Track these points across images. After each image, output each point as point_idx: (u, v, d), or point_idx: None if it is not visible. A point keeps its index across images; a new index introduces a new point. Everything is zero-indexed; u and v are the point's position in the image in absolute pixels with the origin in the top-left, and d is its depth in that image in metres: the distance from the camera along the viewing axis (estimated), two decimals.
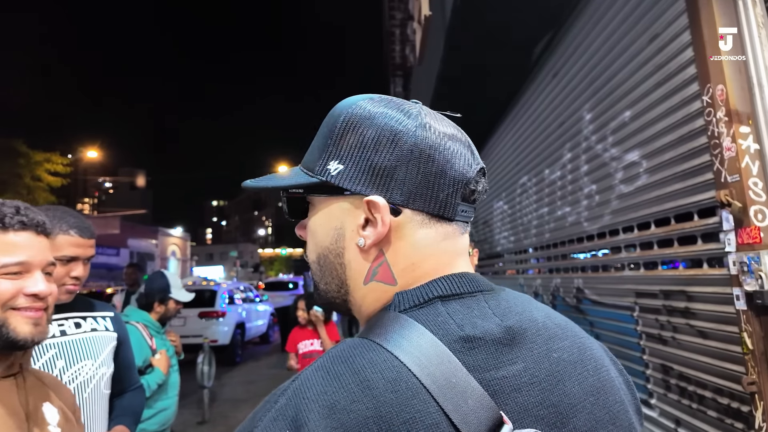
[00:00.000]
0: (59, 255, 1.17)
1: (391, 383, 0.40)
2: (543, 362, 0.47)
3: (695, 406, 1.95)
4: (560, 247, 3.33)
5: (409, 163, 0.48)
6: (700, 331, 1.90)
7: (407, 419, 0.39)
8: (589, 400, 0.48)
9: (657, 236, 2.16)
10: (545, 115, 3.39)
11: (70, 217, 1.23)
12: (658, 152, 2.09)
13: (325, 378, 0.42)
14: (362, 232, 0.50)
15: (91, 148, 27.30)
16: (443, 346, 0.43)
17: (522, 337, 0.47)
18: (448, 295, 0.48)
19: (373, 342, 0.44)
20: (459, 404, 0.40)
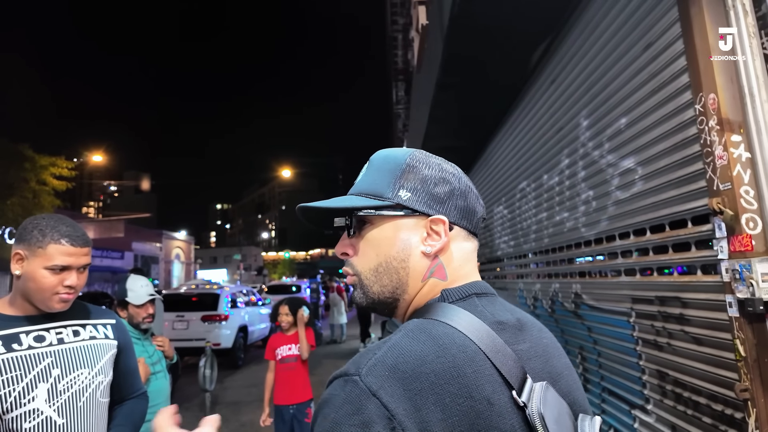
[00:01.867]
0: (50, 264, 1.19)
1: (461, 346, 0.58)
2: (539, 344, 0.67)
3: (690, 413, 1.96)
4: (559, 252, 3.35)
5: (458, 195, 0.70)
6: (694, 337, 1.91)
7: (475, 370, 0.56)
8: (565, 372, 0.68)
9: (652, 242, 2.17)
10: (544, 120, 3.41)
11: (62, 226, 1.24)
12: (653, 159, 2.11)
13: (413, 341, 0.58)
14: (426, 242, 0.68)
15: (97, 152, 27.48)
16: (485, 324, 0.61)
17: (525, 325, 0.67)
18: (480, 293, 0.68)
19: (437, 321, 0.62)
20: (504, 363, 0.59)
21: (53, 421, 1.15)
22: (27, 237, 1.20)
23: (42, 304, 1.21)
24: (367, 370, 0.55)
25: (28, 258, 1.19)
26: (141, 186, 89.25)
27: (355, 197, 0.71)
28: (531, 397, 0.57)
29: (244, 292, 10.78)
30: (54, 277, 1.19)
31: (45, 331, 1.22)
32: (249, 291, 11.32)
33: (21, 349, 1.16)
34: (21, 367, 1.14)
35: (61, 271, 1.21)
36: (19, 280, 1.20)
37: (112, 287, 19.50)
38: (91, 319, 1.34)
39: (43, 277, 1.18)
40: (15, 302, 1.23)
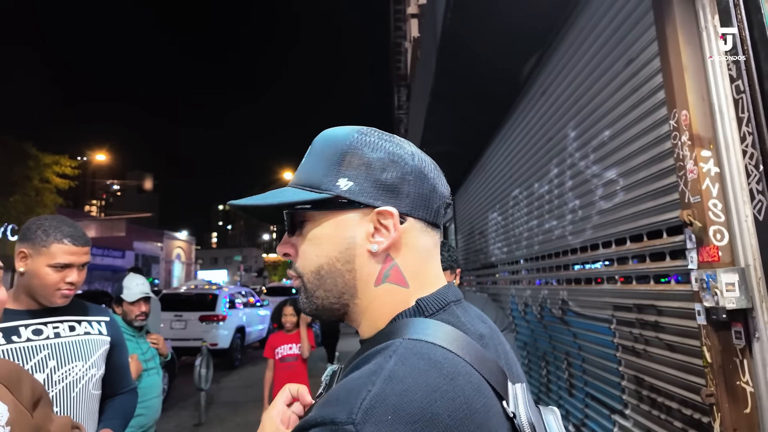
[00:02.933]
0: (53, 262, 1.28)
1: (466, 375, 0.49)
2: (504, 353, 0.60)
3: (664, 417, 2.03)
4: (547, 259, 3.42)
5: (411, 180, 0.59)
6: (668, 344, 1.98)
7: (484, 404, 0.48)
8: (519, 373, 0.63)
9: (632, 251, 2.25)
10: (535, 130, 3.49)
11: (64, 227, 1.33)
12: (632, 171, 2.18)
13: (415, 372, 0.47)
14: (373, 239, 0.58)
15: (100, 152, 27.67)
16: (474, 342, 0.54)
17: (493, 333, 0.62)
18: (456, 300, 0.61)
19: (430, 342, 0.51)
20: (497, 379, 0.52)
21: None
22: (31, 236, 1.29)
23: (45, 300, 1.30)
24: (364, 416, 0.43)
25: (32, 256, 1.28)
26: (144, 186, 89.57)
27: (291, 190, 0.61)
28: (517, 406, 0.52)
29: (243, 293, 10.87)
30: (57, 274, 1.29)
31: (43, 325, 1.31)
32: (248, 292, 11.40)
33: (20, 341, 1.24)
34: (19, 357, 1.22)
35: (63, 269, 1.30)
36: (23, 277, 1.29)
37: (112, 286, 19.54)
38: (87, 316, 1.43)
39: (46, 274, 1.28)
40: (18, 297, 1.32)
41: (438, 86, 3.60)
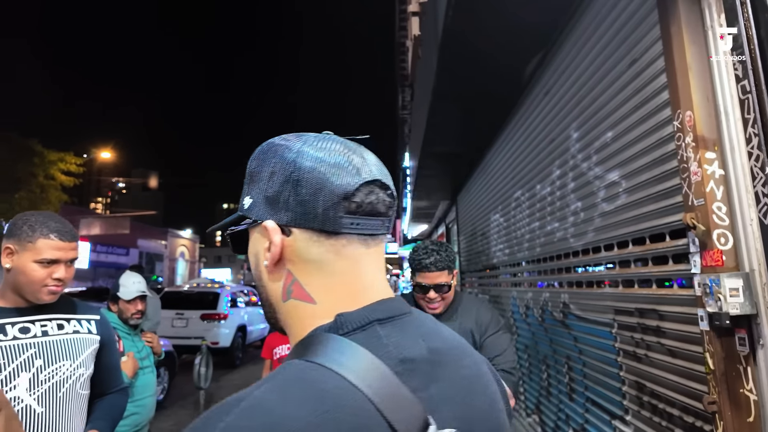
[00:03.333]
0: (39, 258, 1.25)
1: (353, 410, 0.44)
2: (455, 380, 0.55)
3: (665, 424, 1.99)
4: (549, 262, 3.38)
5: (288, 188, 0.55)
6: (669, 349, 1.94)
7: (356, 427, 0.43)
8: (487, 410, 0.57)
9: (634, 255, 2.21)
10: (538, 131, 3.46)
11: (51, 222, 1.30)
12: (635, 173, 2.14)
13: (283, 400, 0.43)
14: (265, 255, 0.57)
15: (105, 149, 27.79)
16: (388, 369, 0.48)
17: (442, 357, 0.55)
18: (383, 318, 0.54)
19: (323, 366, 0.47)
20: (405, 422, 0.45)
21: (32, 410, 1.20)
22: (17, 232, 1.27)
23: (32, 296, 1.28)
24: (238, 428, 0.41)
25: (18, 252, 1.26)
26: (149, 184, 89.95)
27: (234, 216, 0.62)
28: None
29: (245, 291, 10.86)
30: (43, 270, 1.26)
31: (30, 323, 1.28)
32: (250, 291, 11.40)
33: (6, 339, 1.22)
34: (5, 356, 1.20)
35: (49, 265, 1.27)
36: (9, 274, 1.27)
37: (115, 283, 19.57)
38: (76, 314, 1.40)
39: (33, 270, 1.25)
40: (5, 295, 1.29)
41: (439, 85, 3.57)
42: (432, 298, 1.71)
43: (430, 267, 1.69)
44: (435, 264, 1.69)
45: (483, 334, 1.78)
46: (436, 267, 1.70)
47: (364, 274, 0.57)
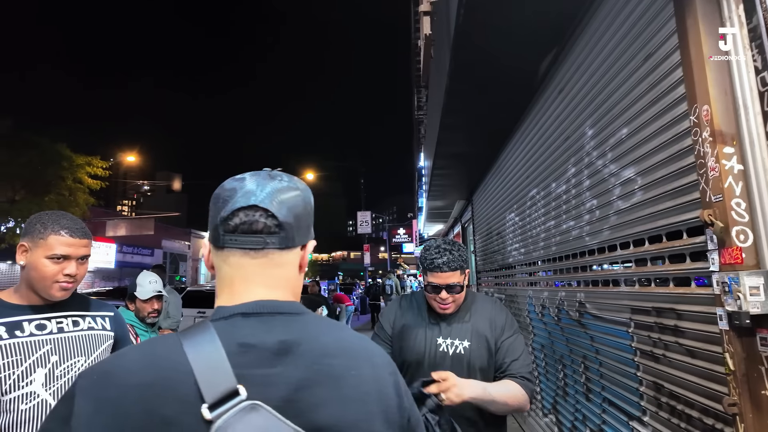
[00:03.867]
0: (51, 254, 1.29)
1: (173, 364, 0.61)
2: (302, 371, 0.64)
3: (684, 426, 1.94)
4: (565, 261, 3.33)
5: (210, 214, 0.75)
6: (688, 349, 1.89)
7: (167, 388, 0.60)
8: (346, 407, 0.64)
9: (650, 253, 2.16)
10: (552, 129, 3.41)
11: (63, 220, 1.34)
12: (651, 170, 2.10)
13: (136, 353, 0.65)
14: None
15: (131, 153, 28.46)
16: (220, 346, 0.63)
17: (292, 351, 0.66)
18: (249, 313, 0.69)
19: (177, 338, 0.65)
20: (212, 382, 0.59)
21: (48, 405, 1.24)
22: (31, 230, 1.31)
23: (44, 292, 1.31)
24: (85, 372, 0.63)
25: (32, 249, 1.30)
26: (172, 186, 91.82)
27: None
28: (225, 414, 0.57)
29: None
30: (55, 265, 1.29)
31: (46, 320, 1.32)
32: None
33: (23, 335, 1.26)
34: (22, 352, 1.24)
35: (61, 261, 1.31)
36: (24, 271, 1.31)
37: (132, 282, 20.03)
38: (91, 311, 1.44)
39: (44, 265, 1.29)
40: (20, 292, 1.34)
41: (452, 85, 3.55)
42: (443, 298, 1.67)
43: (442, 267, 1.64)
44: (447, 264, 1.64)
45: (499, 337, 1.72)
46: (449, 267, 1.64)
47: (246, 278, 0.72)
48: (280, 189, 0.74)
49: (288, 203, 0.73)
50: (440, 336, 1.69)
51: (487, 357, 1.67)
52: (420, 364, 1.66)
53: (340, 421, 0.63)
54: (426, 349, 1.67)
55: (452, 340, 1.68)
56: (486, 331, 1.70)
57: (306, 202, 0.77)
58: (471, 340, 1.67)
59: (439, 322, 1.72)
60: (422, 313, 1.76)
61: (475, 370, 1.65)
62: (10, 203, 14.38)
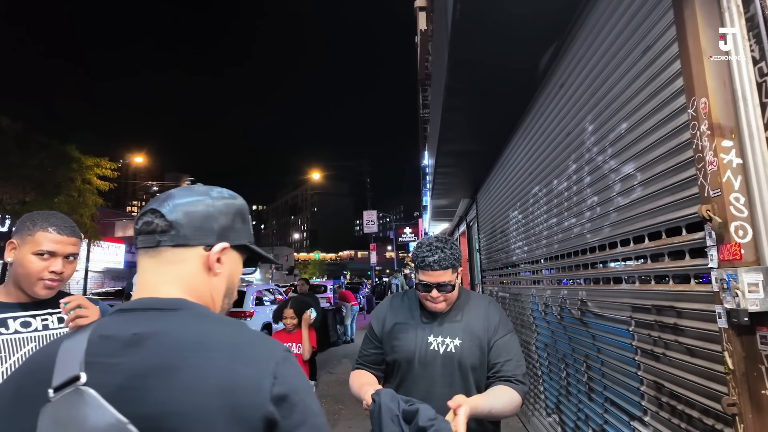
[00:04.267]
0: (37, 249, 1.29)
1: (47, 349, 0.74)
2: (141, 360, 0.68)
3: (684, 426, 1.90)
4: (567, 259, 3.29)
5: None
6: (687, 348, 1.86)
7: (34, 366, 0.73)
8: (167, 394, 0.66)
9: (650, 250, 2.12)
10: (554, 125, 3.37)
11: (52, 218, 1.35)
12: (650, 165, 2.06)
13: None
14: None
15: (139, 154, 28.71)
16: (85, 337, 0.71)
17: (143, 341, 0.69)
18: (126, 309, 0.76)
19: (70, 332, 0.79)
20: (64, 366, 0.68)
21: None
22: (21, 228, 1.32)
23: (29, 289, 1.31)
24: None
25: (19, 246, 1.31)
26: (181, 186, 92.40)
27: None
28: (57, 396, 0.65)
29: (270, 290, 11.03)
30: (41, 262, 1.30)
31: (31, 317, 1.32)
32: (275, 289, 11.58)
33: (7, 333, 1.27)
34: (7, 349, 1.25)
35: (47, 258, 1.31)
36: (12, 268, 1.31)
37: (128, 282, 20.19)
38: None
39: (30, 262, 1.29)
40: (8, 289, 1.34)
41: (452, 82, 3.52)
42: (434, 297, 1.63)
43: (433, 266, 1.60)
44: (439, 263, 1.60)
45: (492, 336, 1.68)
46: (440, 266, 1.60)
47: (144, 277, 0.80)
48: (182, 195, 0.83)
49: (184, 207, 0.81)
50: (431, 335, 1.66)
51: (479, 356, 1.65)
52: (410, 362, 1.64)
53: (170, 411, 0.64)
54: (416, 347, 1.64)
55: (443, 338, 1.65)
56: (479, 330, 1.67)
57: (212, 207, 0.83)
58: (462, 339, 1.64)
59: (431, 321, 1.69)
60: (414, 311, 1.73)
61: (467, 368, 1.62)
62: (21, 205, 14.55)
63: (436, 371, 1.63)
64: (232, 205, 0.87)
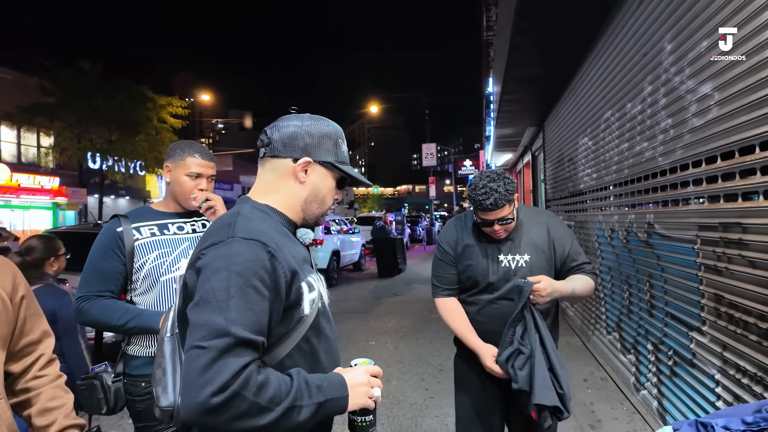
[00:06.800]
0: (188, 172, 1.64)
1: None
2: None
3: (740, 332, 2.05)
4: (636, 183, 3.33)
5: None
6: (750, 261, 1.96)
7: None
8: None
9: (721, 170, 2.17)
10: (630, 46, 3.27)
11: (195, 145, 1.70)
12: (729, 83, 2.06)
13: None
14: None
15: (205, 92, 29.78)
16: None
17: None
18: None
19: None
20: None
21: None
22: (172, 154, 1.67)
23: (184, 203, 1.68)
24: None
25: (173, 169, 1.66)
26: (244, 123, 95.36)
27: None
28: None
29: (337, 221, 11.67)
30: (191, 182, 1.65)
31: (184, 223, 1.71)
32: (341, 221, 12.22)
33: (169, 233, 1.65)
34: (170, 245, 1.63)
35: (195, 178, 1.66)
36: (169, 186, 1.68)
37: None
38: None
39: (184, 182, 1.65)
40: (166, 202, 1.72)
41: (523, 3, 3.45)
42: (496, 230, 1.71)
43: (492, 207, 1.65)
44: (496, 204, 1.64)
45: (564, 247, 1.79)
46: (498, 206, 1.65)
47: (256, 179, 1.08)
48: (283, 119, 1.05)
49: (280, 128, 1.03)
50: (500, 253, 1.77)
51: (547, 268, 1.77)
52: (489, 281, 1.76)
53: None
54: (490, 267, 1.77)
55: (513, 255, 1.76)
56: (543, 245, 1.78)
57: (300, 128, 1.02)
58: (530, 254, 1.76)
59: (497, 241, 1.79)
60: (477, 233, 1.82)
61: None
62: (108, 144, 15.94)
63: (511, 286, 1.72)
64: (319, 127, 1.04)
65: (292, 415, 0.81)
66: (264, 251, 0.86)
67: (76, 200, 19.48)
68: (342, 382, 0.91)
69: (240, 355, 0.77)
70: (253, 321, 0.80)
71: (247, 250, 0.85)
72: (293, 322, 0.92)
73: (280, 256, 0.88)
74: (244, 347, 0.78)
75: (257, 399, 0.76)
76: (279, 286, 0.86)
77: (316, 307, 0.98)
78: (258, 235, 0.88)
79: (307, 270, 0.99)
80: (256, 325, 0.80)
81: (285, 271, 0.88)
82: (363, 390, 0.93)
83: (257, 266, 0.84)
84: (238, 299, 0.80)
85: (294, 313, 0.92)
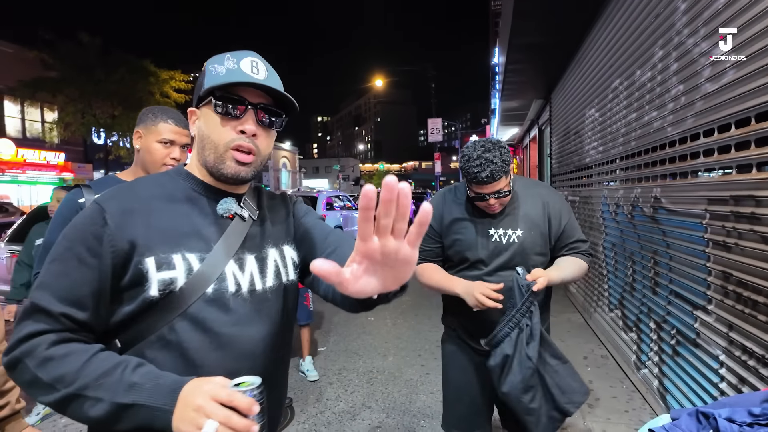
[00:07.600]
0: (160, 138, 1.52)
1: None
2: None
3: (748, 311, 1.94)
4: (644, 155, 3.17)
5: None
6: (762, 236, 1.83)
7: None
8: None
9: (735, 138, 2.01)
10: (641, 8, 3.06)
11: (170, 111, 1.56)
12: (746, 43, 1.89)
13: None
14: None
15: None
16: None
17: None
18: None
19: None
20: None
21: None
22: (144, 119, 1.55)
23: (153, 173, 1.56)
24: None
25: (144, 135, 1.54)
26: None
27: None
28: None
29: (340, 197, 11.58)
30: (164, 149, 1.53)
31: None
32: (344, 197, 12.12)
33: None
34: None
35: (168, 145, 1.53)
36: (139, 154, 1.56)
37: None
38: None
39: (155, 149, 1.52)
40: (136, 171, 1.59)
41: None
42: (491, 204, 1.59)
43: (488, 180, 1.53)
44: (493, 176, 1.52)
45: (560, 222, 1.68)
46: (494, 179, 1.53)
47: None
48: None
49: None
50: (491, 227, 1.65)
51: (541, 243, 1.66)
52: (478, 257, 1.65)
53: None
54: (479, 241, 1.65)
55: (504, 230, 1.65)
56: (538, 219, 1.66)
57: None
58: (523, 229, 1.64)
59: (488, 215, 1.67)
60: (469, 206, 1.70)
61: (531, 256, 1.64)
62: (111, 119, 15.82)
63: (501, 262, 1.63)
64: (204, 68, 0.89)
65: (81, 406, 0.68)
66: (100, 216, 0.78)
67: (82, 176, 19.52)
68: (173, 390, 0.68)
69: (38, 321, 0.72)
70: (66, 288, 0.74)
71: (84, 216, 0.79)
72: (136, 302, 0.78)
73: (120, 223, 0.77)
74: (42, 314, 0.73)
75: (39, 373, 0.69)
76: (102, 256, 0.76)
77: (191, 293, 0.79)
78: (107, 200, 0.80)
79: (187, 245, 0.81)
80: (68, 293, 0.74)
81: (115, 240, 0.76)
82: (190, 415, 0.65)
83: (86, 232, 0.77)
84: (57, 263, 0.76)
85: (137, 293, 0.77)
